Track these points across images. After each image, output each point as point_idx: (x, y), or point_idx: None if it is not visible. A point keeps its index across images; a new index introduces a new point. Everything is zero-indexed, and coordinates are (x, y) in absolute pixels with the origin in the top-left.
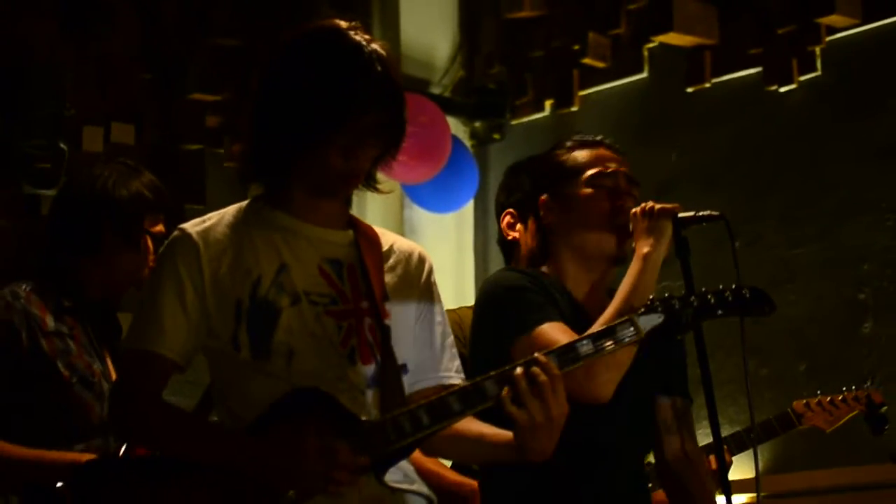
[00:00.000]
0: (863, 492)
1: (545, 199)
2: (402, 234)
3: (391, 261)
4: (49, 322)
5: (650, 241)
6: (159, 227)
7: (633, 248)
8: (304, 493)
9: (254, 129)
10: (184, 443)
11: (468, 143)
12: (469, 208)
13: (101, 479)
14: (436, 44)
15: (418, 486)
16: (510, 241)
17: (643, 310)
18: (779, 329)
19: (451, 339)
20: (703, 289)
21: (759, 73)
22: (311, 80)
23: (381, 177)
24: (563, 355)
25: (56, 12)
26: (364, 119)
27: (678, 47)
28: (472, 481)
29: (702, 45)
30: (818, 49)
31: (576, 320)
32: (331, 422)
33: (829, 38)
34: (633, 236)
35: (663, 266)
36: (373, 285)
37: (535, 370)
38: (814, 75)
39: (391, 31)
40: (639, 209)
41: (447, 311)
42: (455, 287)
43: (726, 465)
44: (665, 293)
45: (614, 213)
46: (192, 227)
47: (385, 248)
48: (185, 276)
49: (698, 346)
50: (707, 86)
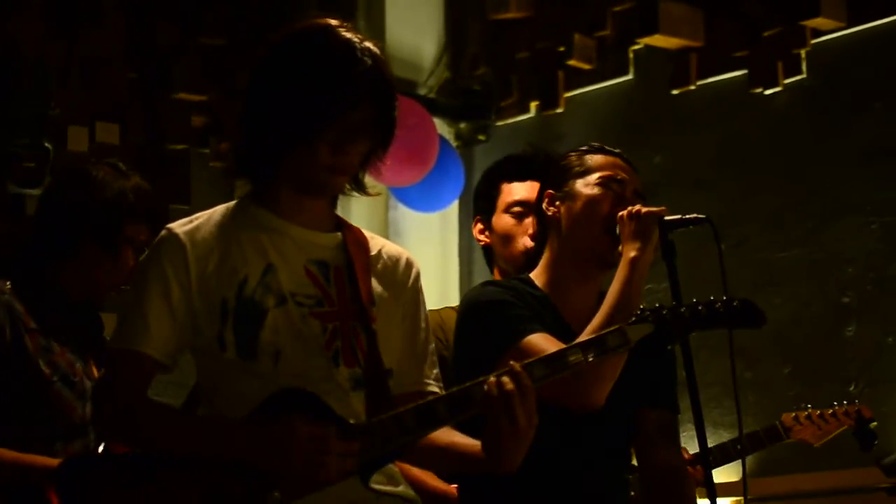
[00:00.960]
0: (847, 495)
1: (551, 192)
2: (386, 235)
3: (379, 265)
4: (31, 319)
5: (637, 244)
6: (142, 237)
7: (621, 252)
8: (291, 492)
9: (244, 124)
10: (172, 437)
11: (453, 143)
12: (454, 209)
13: (83, 478)
14: (421, 45)
15: (403, 489)
16: (484, 246)
17: (633, 319)
18: (763, 332)
19: (432, 346)
20: (694, 299)
21: (744, 75)
22: (302, 74)
23: (368, 179)
24: (552, 363)
25: (43, 11)
26: (354, 114)
27: (664, 49)
28: (454, 488)
29: (687, 48)
30: (803, 52)
31: (559, 328)
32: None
33: (814, 41)
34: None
35: (650, 268)
36: (360, 289)
37: (505, 379)
38: (799, 78)
39: (377, 32)
40: (625, 212)
41: (430, 311)
42: (439, 288)
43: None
44: (651, 296)
45: (612, 218)
46: (179, 226)
47: (373, 252)
48: (171, 276)
49: (684, 353)
50: (692, 88)
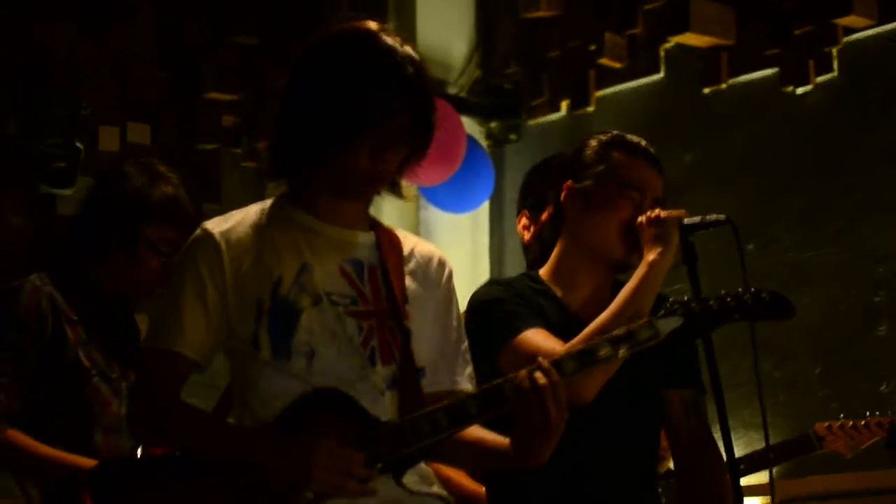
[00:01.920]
0: (877, 496)
1: (571, 184)
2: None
3: (411, 264)
4: (72, 311)
5: (657, 248)
6: (169, 238)
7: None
8: (320, 495)
9: (280, 127)
10: (202, 440)
11: (484, 143)
12: (484, 209)
13: (119, 479)
14: (452, 44)
15: (437, 488)
16: (526, 243)
17: (662, 312)
18: (793, 331)
19: (465, 344)
20: (723, 291)
21: (775, 73)
22: (344, 79)
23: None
24: (583, 358)
25: (73, 11)
26: (394, 121)
27: (694, 48)
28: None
29: (718, 46)
30: (835, 50)
31: (566, 320)
32: (350, 423)
33: (845, 39)
34: (641, 248)
35: (676, 270)
36: (394, 287)
37: (538, 374)
38: (830, 76)
39: (408, 31)
40: (644, 218)
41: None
42: (470, 288)
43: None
44: (685, 296)
45: (629, 227)
46: (215, 226)
47: (406, 251)
48: (206, 276)
49: (707, 351)
50: (723, 87)
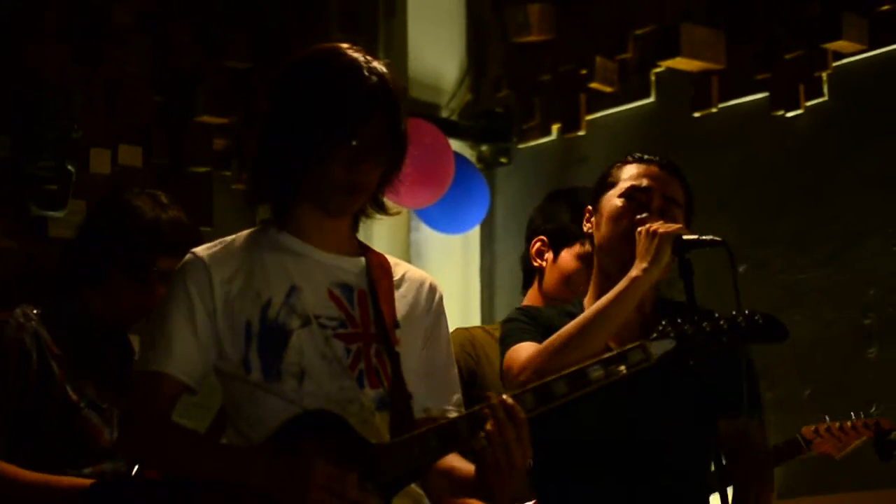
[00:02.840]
0: None
1: (589, 209)
2: (408, 257)
3: (402, 289)
4: (57, 346)
5: (644, 264)
6: (174, 265)
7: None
8: None
9: (259, 149)
10: (196, 462)
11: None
12: (475, 232)
13: (113, 499)
14: (443, 67)
15: None
16: (535, 266)
17: (655, 335)
18: (784, 353)
19: (454, 371)
20: (716, 314)
21: (765, 98)
22: (310, 95)
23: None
24: (574, 380)
25: (66, 34)
26: (363, 132)
27: (685, 72)
28: None
29: (709, 70)
30: (825, 74)
31: None
32: (341, 445)
33: (836, 64)
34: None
35: (671, 286)
36: (383, 312)
37: (502, 415)
38: (821, 100)
39: (399, 55)
40: (643, 229)
41: (460, 329)
42: (461, 310)
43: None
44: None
45: (633, 228)
46: (204, 250)
47: (396, 276)
48: (195, 299)
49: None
50: (714, 111)
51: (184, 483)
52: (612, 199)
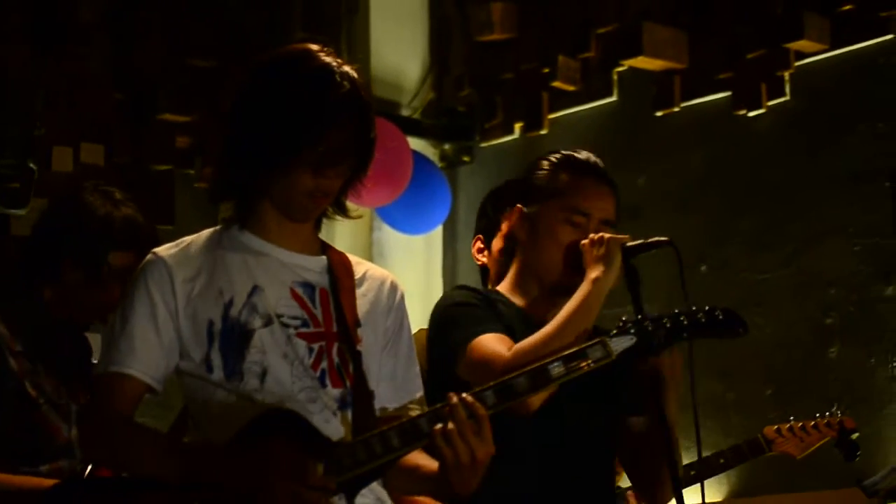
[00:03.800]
0: None
1: (519, 208)
2: (370, 256)
3: (363, 287)
4: (16, 342)
5: (600, 267)
6: (128, 262)
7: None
8: None
9: (224, 149)
10: (155, 461)
11: (438, 164)
12: (438, 231)
13: (75, 500)
14: (406, 66)
15: None
16: (480, 266)
17: (615, 331)
18: (746, 353)
19: (416, 368)
20: (675, 310)
21: (727, 97)
22: (281, 98)
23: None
24: (535, 377)
25: (29, 32)
26: (333, 137)
27: (647, 71)
28: None
29: (671, 70)
30: (787, 74)
31: (529, 332)
32: (303, 443)
33: (797, 64)
34: (584, 271)
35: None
36: (345, 311)
37: (462, 413)
38: (783, 100)
39: (361, 53)
40: (588, 241)
41: (423, 329)
42: (423, 310)
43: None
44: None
45: (573, 251)
46: (165, 250)
47: (358, 275)
48: (157, 299)
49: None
50: (676, 110)
51: (140, 482)
52: (555, 215)
